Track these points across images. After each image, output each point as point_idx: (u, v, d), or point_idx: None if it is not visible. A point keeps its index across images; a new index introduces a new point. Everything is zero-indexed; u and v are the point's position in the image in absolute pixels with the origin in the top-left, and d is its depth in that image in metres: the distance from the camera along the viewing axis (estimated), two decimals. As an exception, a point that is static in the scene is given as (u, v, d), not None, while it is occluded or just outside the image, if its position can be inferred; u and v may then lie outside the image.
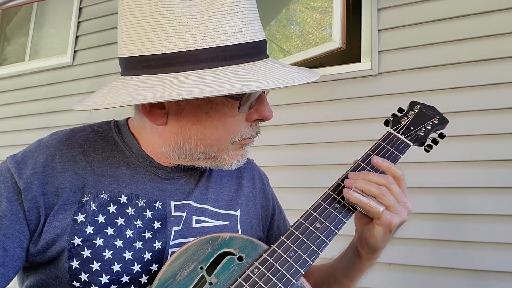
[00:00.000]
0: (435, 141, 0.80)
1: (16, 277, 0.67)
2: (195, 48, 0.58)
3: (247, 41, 0.60)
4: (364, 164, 0.74)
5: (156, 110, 0.66)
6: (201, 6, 0.58)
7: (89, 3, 3.10)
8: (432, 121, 0.82)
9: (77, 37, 3.09)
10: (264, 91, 0.69)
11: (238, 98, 0.63)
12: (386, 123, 0.84)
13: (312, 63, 2.13)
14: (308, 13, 2.36)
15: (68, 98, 2.96)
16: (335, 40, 1.89)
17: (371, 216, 0.67)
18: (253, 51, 0.62)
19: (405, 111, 0.86)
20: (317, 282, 0.82)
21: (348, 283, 0.78)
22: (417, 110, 0.84)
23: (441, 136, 0.82)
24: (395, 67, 1.93)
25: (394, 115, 0.85)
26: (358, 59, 2.00)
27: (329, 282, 0.81)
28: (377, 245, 0.69)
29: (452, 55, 1.81)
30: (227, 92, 0.55)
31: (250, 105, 0.67)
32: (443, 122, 0.83)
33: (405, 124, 0.81)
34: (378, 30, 1.98)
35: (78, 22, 3.11)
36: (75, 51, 3.06)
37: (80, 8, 3.13)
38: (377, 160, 0.71)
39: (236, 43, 0.59)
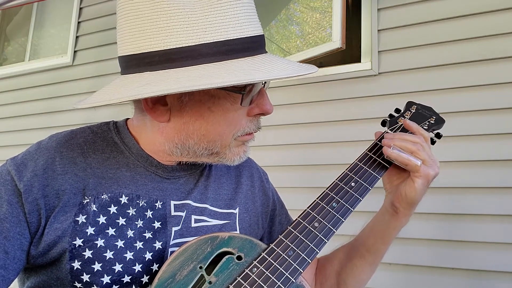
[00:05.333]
0: (432, 141, 0.81)
1: (17, 278, 0.67)
2: (196, 43, 0.59)
3: (247, 36, 0.61)
4: (361, 164, 0.75)
5: (158, 107, 0.66)
6: (201, 2, 0.59)
7: (89, 3, 3.10)
8: (428, 121, 0.83)
9: (77, 37, 3.09)
10: (264, 85, 0.70)
11: (241, 92, 0.64)
12: (383, 123, 0.84)
13: (312, 63, 2.12)
14: (308, 13, 2.37)
15: (68, 98, 2.96)
16: (335, 40, 1.89)
17: (410, 169, 0.72)
18: (253, 46, 0.63)
19: (402, 111, 0.86)
20: (343, 260, 0.84)
21: (383, 247, 0.81)
22: (413, 111, 0.85)
23: (438, 136, 0.82)
24: (395, 67, 1.93)
25: (391, 116, 0.85)
26: (358, 59, 2.00)
27: (359, 254, 0.82)
28: (417, 197, 0.73)
29: (452, 55, 1.81)
30: (233, 83, 0.56)
31: (251, 99, 0.68)
32: (440, 122, 0.84)
33: (401, 125, 0.81)
34: (378, 30, 1.98)
35: (78, 22, 3.11)
36: (75, 51, 3.06)
37: (80, 8, 3.13)
38: (408, 122, 0.79)
39: (237, 37, 0.60)
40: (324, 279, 0.85)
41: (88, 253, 0.63)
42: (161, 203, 0.71)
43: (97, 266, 0.63)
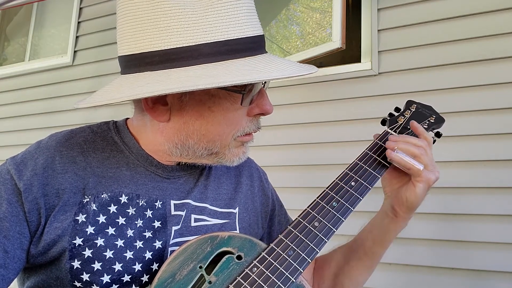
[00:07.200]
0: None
1: (16, 278, 0.67)
2: (197, 43, 0.59)
3: (247, 36, 0.61)
4: (361, 163, 0.75)
5: (159, 107, 0.66)
6: (201, 2, 0.59)
7: (89, 3, 3.10)
8: (428, 120, 0.83)
9: (77, 37, 3.09)
10: (264, 85, 0.70)
11: (241, 91, 0.64)
12: (383, 122, 0.84)
13: (312, 63, 2.12)
14: (308, 13, 2.36)
15: (68, 98, 2.97)
16: (335, 40, 1.89)
17: (412, 173, 0.72)
18: (253, 46, 0.63)
19: (402, 110, 0.86)
20: (340, 262, 0.84)
21: (381, 250, 0.81)
22: (413, 110, 0.85)
23: (438, 135, 0.82)
24: (395, 67, 1.93)
25: (391, 115, 0.85)
26: (358, 59, 2.00)
27: (357, 256, 0.82)
28: (417, 202, 0.73)
29: (452, 55, 1.81)
30: (234, 82, 0.56)
31: (251, 99, 0.68)
32: (440, 121, 0.84)
33: (402, 123, 0.82)
34: (378, 30, 1.98)
35: (78, 22, 3.11)
36: (75, 51, 3.06)
37: (80, 8, 3.14)
38: (416, 124, 0.79)
39: (237, 37, 0.60)
40: (321, 281, 0.85)
41: (88, 253, 0.63)
42: (161, 202, 0.71)
43: (97, 266, 0.63)
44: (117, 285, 0.64)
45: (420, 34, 1.89)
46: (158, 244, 0.69)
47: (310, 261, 0.64)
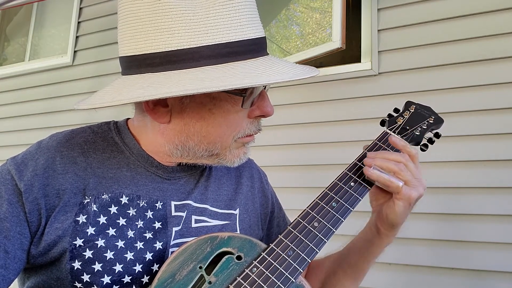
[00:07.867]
0: (430, 141, 0.81)
1: (17, 278, 0.67)
2: (198, 45, 0.59)
3: (248, 38, 0.61)
4: (360, 164, 0.75)
5: (159, 108, 0.66)
6: (203, 4, 0.59)
7: (89, 3, 3.10)
8: (427, 121, 0.83)
9: (77, 37, 3.09)
10: (265, 88, 0.70)
11: (242, 94, 0.64)
12: (382, 123, 0.84)
13: (312, 63, 2.13)
14: (308, 13, 2.36)
15: (68, 98, 2.97)
16: (335, 40, 1.89)
17: (391, 191, 0.69)
18: (254, 48, 0.62)
19: (401, 111, 0.86)
20: (328, 271, 0.83)
21: (365, 265, 0.79)
22: (412, 110, 0.85)
23: (437, 135, 0.82)
24: (395, 67, 1.93)
25: (390, 115, 0.86)
26: (358, 59, 2.00)
27: (342, 268, 0.81)
28: (397, 220, 0.71)
29: (452, 55, 1.81)
30: (236, 86, 0.56)
31: (252, 101, 0.68)
32: (439, 122, 0.84)
33: (401, 124, 0.82)
34: (378, 30, 1.98)
35: (78, 22, 3.12)
36: (75, 51, 3.06)
37: (80, 8, 3.14)
38: (394, 139, 0.75)
39: (238, 39, 0.60)
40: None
41: (88, 253, 0.63)
42: (161, 203, 0.71)
43: (97, 266, 0.63)
44: (118, 286, 0.64)
45: (420, 34, 1.89)
46: (158, 245, 0.69)
47: (309, 261, 0.64)
